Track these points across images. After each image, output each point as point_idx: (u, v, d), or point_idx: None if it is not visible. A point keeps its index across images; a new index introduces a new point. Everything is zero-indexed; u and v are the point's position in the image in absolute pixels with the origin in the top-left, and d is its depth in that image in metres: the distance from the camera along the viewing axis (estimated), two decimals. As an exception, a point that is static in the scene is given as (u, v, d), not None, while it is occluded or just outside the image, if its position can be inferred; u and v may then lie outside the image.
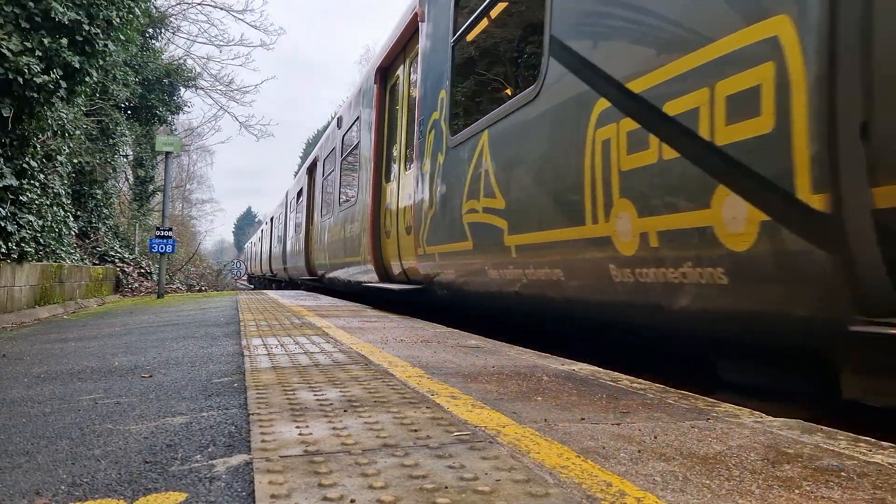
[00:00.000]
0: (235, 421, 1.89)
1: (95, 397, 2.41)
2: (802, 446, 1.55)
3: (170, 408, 2.15)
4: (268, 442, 1.59)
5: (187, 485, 1.35)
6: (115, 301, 11.59)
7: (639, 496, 1.21)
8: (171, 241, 11.80)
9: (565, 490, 1.24)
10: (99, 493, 1.32)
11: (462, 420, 1.80)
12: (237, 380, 2.61)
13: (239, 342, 3.90)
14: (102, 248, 13.35)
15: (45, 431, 1.90)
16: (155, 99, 17.11)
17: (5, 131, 6.69)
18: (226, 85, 22.28)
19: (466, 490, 1.24)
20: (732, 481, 1.30)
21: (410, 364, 2.85)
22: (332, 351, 3.32)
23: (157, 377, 2.81)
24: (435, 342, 3.72)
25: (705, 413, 1.92)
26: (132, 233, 16.73)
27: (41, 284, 8.20)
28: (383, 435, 1.64)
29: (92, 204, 13.16)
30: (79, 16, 6.89)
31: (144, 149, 17.82)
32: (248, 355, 3.20)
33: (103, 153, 13.28)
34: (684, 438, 1.62)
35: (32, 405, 2.32)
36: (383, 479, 1.30)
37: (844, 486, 1.27)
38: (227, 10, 20.69)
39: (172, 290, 15.01)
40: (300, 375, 2.57)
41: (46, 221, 8.45)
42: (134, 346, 4.13)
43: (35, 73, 6.33)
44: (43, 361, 3.59)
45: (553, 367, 2.81)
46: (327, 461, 1.42)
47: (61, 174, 9.39)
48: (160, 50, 18.33)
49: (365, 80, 9.31)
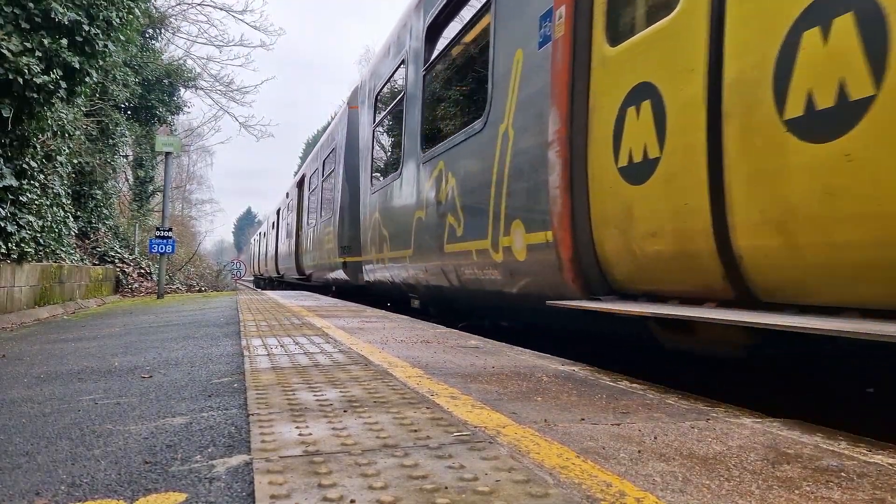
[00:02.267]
0: (235, 421, 1.89)
1: (95, 397, 2.41)
2: (802, 446, 1.55)
3: (170, 408, 2.15)
4: (268, 442, 1.59)
5: (187, 485, 1.35)
6: (115, 301, 11.58)
7: (639, 496, 1.21)
8: (171, 242, 11.80)
9: (565, 490, 1.24)
10: (99, 494, 1.32)
11: (462, 420, 1.80)
12: (237, 380, 2.61)
13: (239, 342, 3.90)
14: (102, 249, 13.34)
15: (45, 431, 1.90)
16: (155, 99, 17.11)
17: (5, 131, 6.69)
18: (226, 85, 22.26)
19: (466, 490, 1.24)
20: (732, 481, 1.30)
21: (410, 364, 2.85)
22: (332, 351, 3.32)
23: (156, 377, 2.81)
24: (435, 342, 3.72)
25: (705, 413, 1.92)
26: (132, 233, 16.72)
27: (41, 285, 8.20)
28: (383, 435, 1.64)
29: (92, 204, 13.15)
30: (79, 16, 6.89)
31: (144, 149, 17.80)
32: (248, 356, 3.20)
33: (103, 153, 13.28)
34: (684, 439, 1.62)
35: (32, 405, 2.32)
36: (383, 480, 1.30)
37: (844, 486, 1.27)
38: (227, 10, 20.69)
39: (172, 291, 15.00)
40: (300, 376, 2.57)
41: (46, 222, 8.45)
42: (134, 346, 4.13)
43: (35, 74, 6.33)
44: (43, 362, 3.59)
45: (553, 367, 2.81)
46: (327, 461, 1.42)
47: (61, 174, 9.39)
48: (160, 50, 18.34)
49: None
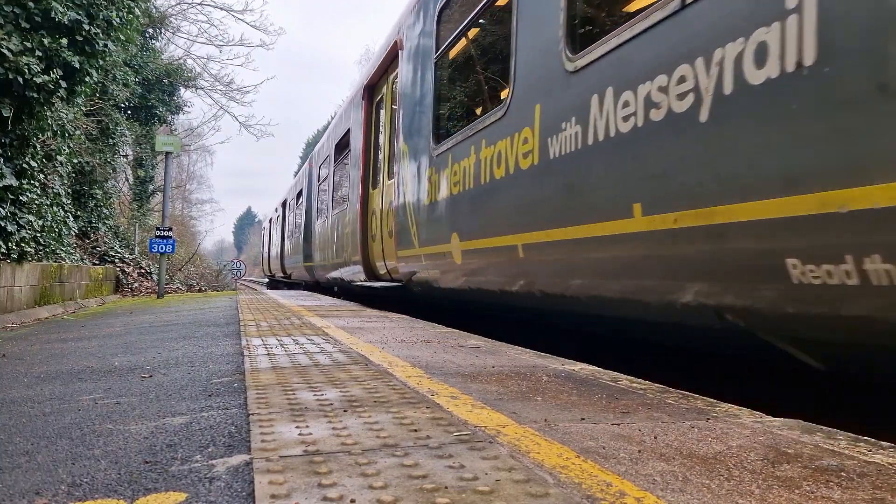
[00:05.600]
0: (235, 421, 1.89)
1: (95, 397, 2.41)
2: (802, 446, 1.55)
3: (170, 408, 2.15)
4: (268, 442, 1.59)
5: (187, 485, 1.35)
6: (115, 301, 11.58)
7: (639, 496, 1.21)
8: (171, 241, 11.81)
9: (565, 490, 1.24)
10: (99, 493, 1.32)
11: (462, 420, 1.80)
12: (237, 380, 2.61)
13: (239, 342, 3.90)
14: (102, 248, 13.35)
15: (45, 431, 1.90)
16: (155, 99, 17.12)
17: (5, 131, 6.69)
18: (226, 85, 22.25)
19: (466, 490, 1.24)
20: (732, 481, 1.30)
21: (410, 364, 2.85)
22: (332, 351, 3.32)
23: (157, 377, 2.81)
24: (435, 342, 3.72)
25: (705, 413, 1.92)
26: (132, 233, 16.72)
27: (41, 284, 8.20)
28: (383, 435, 1.64)
29: (92, 204, 13.16)
30: (79, 16, 6.89)
31: (144, 149, 17.81)
32: (248, 355, 3.20)
33: (103, 153, 13.28)
34: (684, 438, 1.62)
35: (32, 405, 2.32)
36: (383, 479, 1.30)
37: (844, 486, 1.27)
38: (227, 10, 20.68)
39: (172, 291, 15.00)
40: (300, 375, 2.57)
41: (46, 221, 8.45)
42: (134, 346, 4.13)
43: (35, 73, 6.34)
44: (43, 361, 3.59)
45: (553, 367, 2.81)
46: (327, 461, 1.42)
47: (61, 174, 9.39)
48: (160, 50, 18.35)
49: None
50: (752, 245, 2.20)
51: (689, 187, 2.49)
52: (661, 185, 2.65)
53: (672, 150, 2.59)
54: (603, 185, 3.08)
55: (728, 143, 2.30)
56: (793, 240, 2.05)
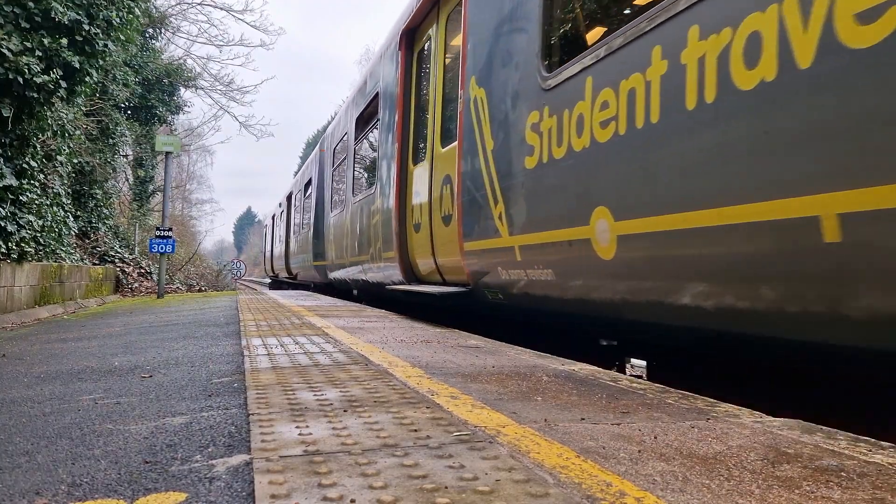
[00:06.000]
0: (235, 421, 1.89)
1: (95, 397, 2.41)
2: (802, 446, 1.55)
3: (170, 408, 2.15)
4: (268, 442, 1.59)
5: (187, 485, 1.35)
6: (115, 301, 11.58)
7: (639, 496, 1.21)
8: (171, 241, 11.80)
9: (565, 490, 1.24)
10: (99, 493, 1.32)
11: (462, 420, 1.80)
12: (237, 380, 2.61)
13: (239, 342, 3.90)
14: (102, 248, 13.34)
15: (45, 431, 1.90)
16: (155, 99, 17.11)
17: (5, 131, 6.69)
18: (226, 85, 22.24)
19: (466, 490, 1.24)
20: (732, 481, 1.30)
21: (410, 364, 2.85)
22: (332, 351, 3.32)
23: (157, 377, 2.81)
24: (435, 342, 3.72)
25: (705, 413, 1.92)
26: (132, 233, 16.72)
27: (41, 284, 8.20)
28: (383, 435, 1.64)
29: (92, 204, 13.15)
30: (79, 16, 6.89)
31: (144, 149, 17.81)
32: (248, 355, 3.20)
33: (103, 153, 13.28)
34: (684, 438, 1.62)
35: (32, 405, 2.32)
36: (383, 479, 1.30)
37: (844, 486, 1.27)
38: (227, 10, 20.64)
39: (172, 291, 15.00)
40: (300, 375, 2.57)
41: (46, 221, 8.45)
42: (134, 346, 4.13)
43: (35, 73, 6.34)
44: (43, 361, 3.59)
45: (553, 367, 2.81)
46: (327, 461, 1.42)
47: (61, 174, 9.39)
48: (160, 50, 18.34)
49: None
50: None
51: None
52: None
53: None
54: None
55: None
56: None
